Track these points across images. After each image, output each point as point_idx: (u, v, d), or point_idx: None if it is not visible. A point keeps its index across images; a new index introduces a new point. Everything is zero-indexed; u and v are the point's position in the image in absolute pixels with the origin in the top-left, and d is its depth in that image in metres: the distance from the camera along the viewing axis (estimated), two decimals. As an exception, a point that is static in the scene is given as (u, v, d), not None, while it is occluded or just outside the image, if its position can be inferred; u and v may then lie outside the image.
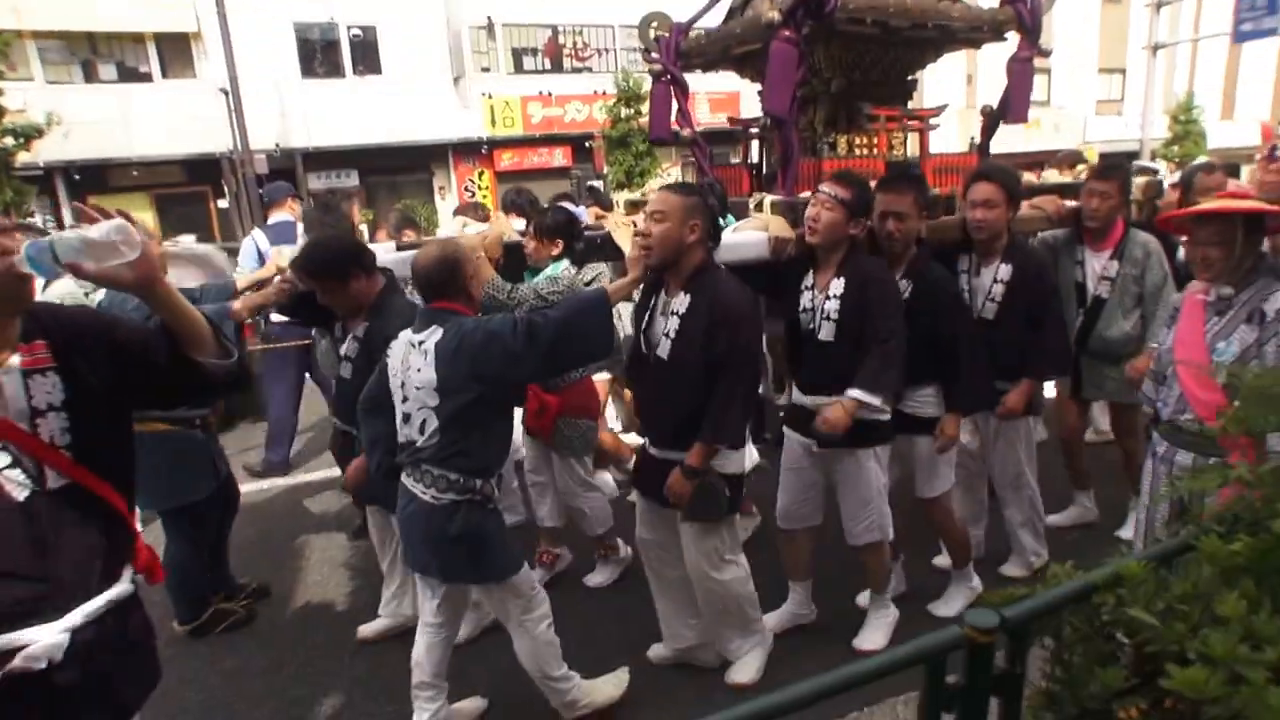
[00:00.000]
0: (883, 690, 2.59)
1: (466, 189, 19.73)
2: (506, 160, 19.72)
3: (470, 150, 19.44)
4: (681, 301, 2.61)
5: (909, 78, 4.28)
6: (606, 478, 4.50)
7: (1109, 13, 26.15)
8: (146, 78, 17.03)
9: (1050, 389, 4.04)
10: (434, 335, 2.43)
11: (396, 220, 5.89)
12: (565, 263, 3.43)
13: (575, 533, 3.79)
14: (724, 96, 20.32)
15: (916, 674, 1.13)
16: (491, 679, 2.97)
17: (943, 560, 3.54)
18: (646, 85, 18.07)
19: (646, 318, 2.74)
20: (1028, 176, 5.63)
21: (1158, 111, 25.99)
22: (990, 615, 1.15)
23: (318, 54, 17.98)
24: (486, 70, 19.09)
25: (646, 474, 2.80)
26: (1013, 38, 4.02)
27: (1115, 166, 3.94)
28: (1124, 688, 1.14)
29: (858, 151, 4.11)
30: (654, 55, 4.53)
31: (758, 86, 4.76)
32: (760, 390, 3.84)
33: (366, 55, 18.31)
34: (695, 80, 4.78)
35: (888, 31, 3.74)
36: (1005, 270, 3.22)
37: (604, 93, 19.36)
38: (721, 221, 3.12)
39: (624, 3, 19.56)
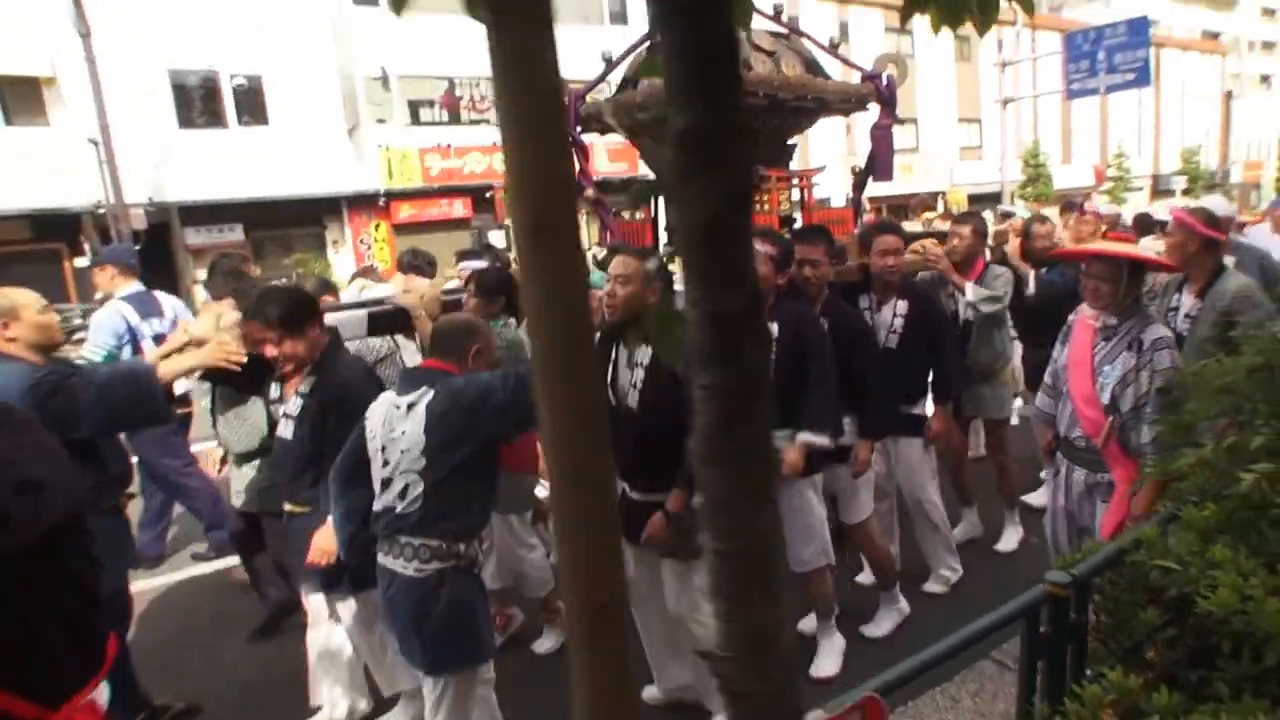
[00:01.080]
0: (925, 683, 2.70)
1: (362, 241, 19.27)
2: (405, 212, 19.41)
3: (366, 203, 19.01)
4: (644, 353, 2.75)
5: (789, 141, 4.72)
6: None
7: (963, 70, 28.78)
8: (-17, 124, 15.44)
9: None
10: (424, 396, 2.38)
11: (315, 285, 5.62)
12: (509, 318, 3.48)
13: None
14: (620, 147, 21.08)
15: (953, 664, 1.45)
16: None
17: (865, 578, 3.77)
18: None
19: (611, 371, 2.84)
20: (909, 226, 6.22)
21: (1012, 157, 28.71)
22: (1064, 575, 1.58)
23: (197, 103, 17.12)
24: (382, 122, 18.83)
25: (628, 518, 2.81)
26: (874, 108, 4.54)
27: (970, 213, 4.63)
28: (1158, 623, 1.53)
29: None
30: None
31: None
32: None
33: (252, 105, 17.60)
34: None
35: (775, 103, 4.13)
36: (903, 305, 3.59)
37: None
38: None
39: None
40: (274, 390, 3.11)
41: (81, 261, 15.83)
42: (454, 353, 2.49)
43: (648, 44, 4.79)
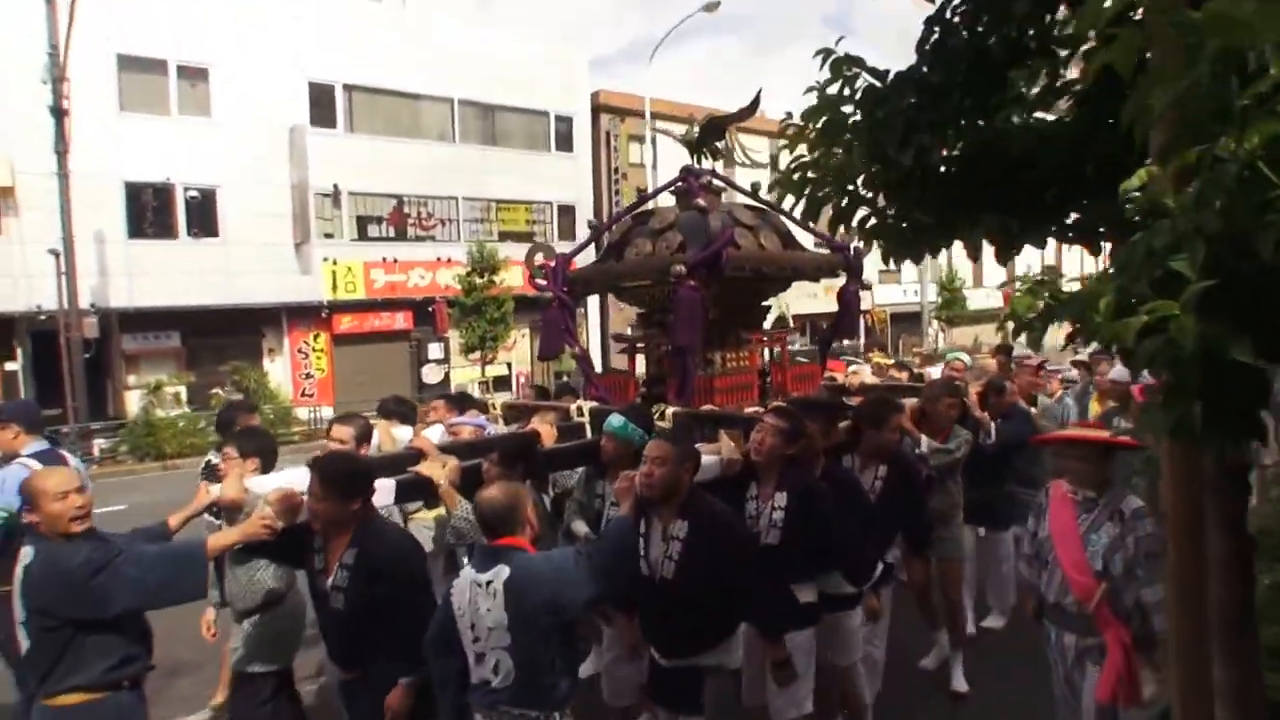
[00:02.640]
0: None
1: (300, 351, 18.84)
2: (346, 324, 19.19)
3: (308, 314, 18.70)
4: (680, 527, 2.92)
5: (763, 304, 5.07)
6: None
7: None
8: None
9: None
10: (500, 574, 2.44)
11: (238, 407, 5.27)
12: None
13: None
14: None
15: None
16: None
17: None
18: (500, 254, 18.55)
19: (643, 544, 2.98)
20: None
21: (929, 280, 30.51)
22: None
23: (149, 214, 16.80)
24: (330, 236, 18.78)
25: (659, 683, 3.06)
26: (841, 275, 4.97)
27: (950, 384, 4.80)
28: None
29: (730, 365, 4.62)
30: (541, 282, 4.83)
31: (636, 309, 5.10)
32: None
33: (203, 216, 17.38)
34: (524, 248, 5.38)
35: (759, 275, 4.41)
36: (884, 470, 3.81)
37: (448, 259, 19.74)
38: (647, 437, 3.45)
39: (466, 177, 20.47)
40: (318, 560, 2.98)
41: (11, 366, 14.96)
42: (516, 527, 2.55)
43: (631, 214, 5.17)
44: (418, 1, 21.88)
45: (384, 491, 3.29)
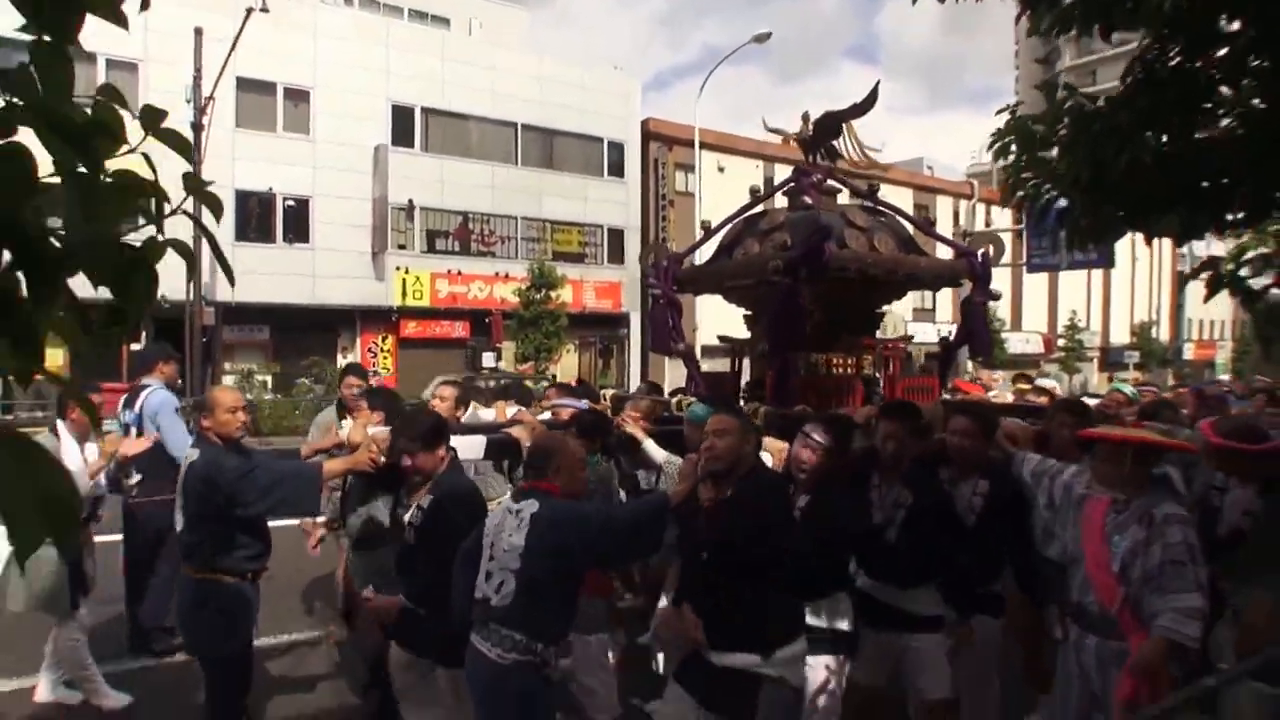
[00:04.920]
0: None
1: (370, 350, 19.51)
2: (411, 328, 19.76)
3: (379, 317, 19.36)
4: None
5: (876, 311, 4.82)
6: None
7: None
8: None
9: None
10: (530, 507, 2.56)
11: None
12: (602, 456, 3.64)
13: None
14: (606, 285, 22.35)
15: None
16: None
17: None
18: (559, 272, 19.04)
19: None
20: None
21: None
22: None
23: (254, 219, 17.88)
24: (403, 247, 19.46)
25: (708, 685, 2.59)
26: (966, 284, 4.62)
27: (1076, 402, 4.23)
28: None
29: (835, 371, 4.50)
30: (652, 280, 4.85)
31: (740, 310, 5.06)
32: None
33: (298, 224, 18.38)
34: (575, 268, 5.37)
35: (866, 278, 4.26)
36: (984, 485, 3.28)
37: (505, 275, 20.28)
38: None
39: (525, 198, 21.12)
40: (403, 497, 3.29)
41: (135, 346, 15.87)
42: (544, 471, 2.69)
43: (744, 216, 5.07)
44: (485, 32, 22.91)
45: (476, 445, 3.63)
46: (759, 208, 5.07)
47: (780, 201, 5.04)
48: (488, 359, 21.20)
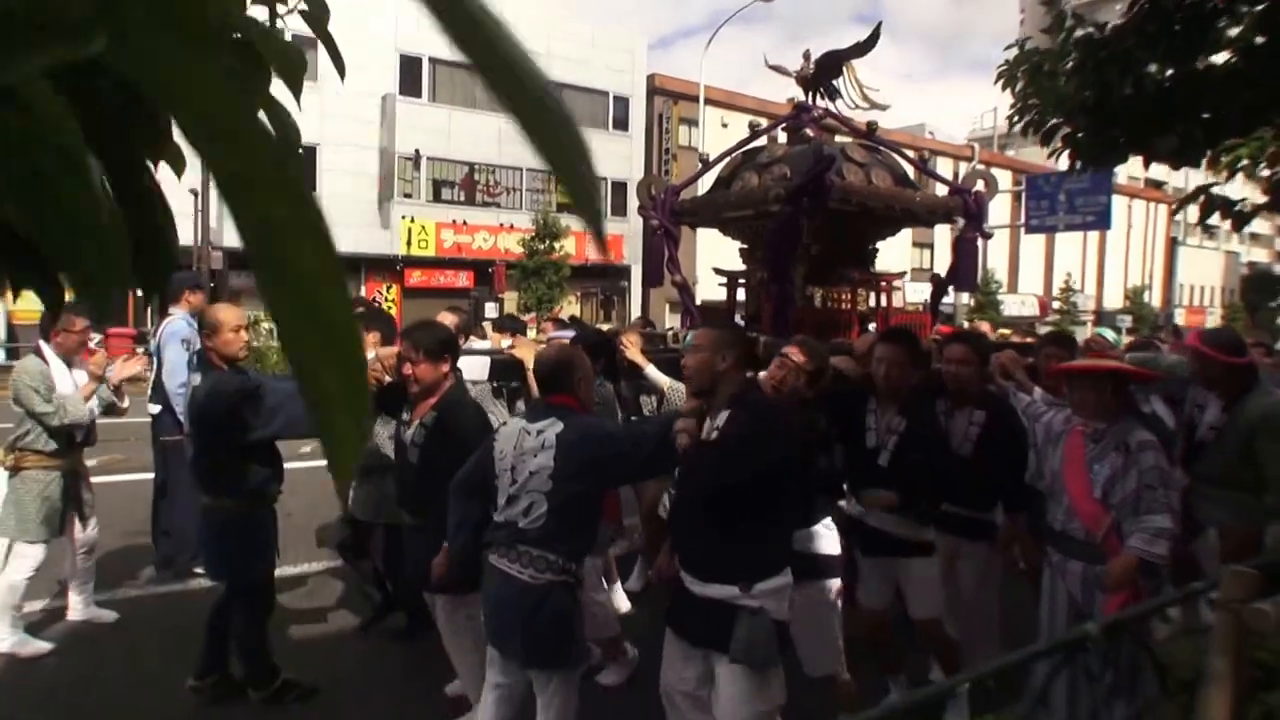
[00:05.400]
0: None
1: (374, 300, 19.62)
2: (416, 278, 19.82)
3: (384, 266, 19.41)
4: (721, 417, 2.46)
5: (870, 246, 4.94)
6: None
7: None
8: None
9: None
10: (554, 427, 2.49)
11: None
12: (606, 379, 3.71)
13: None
14: (609, 237, 22.21)
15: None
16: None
17: (936, 675, 3.42)
18: (563, 223, 19.01)
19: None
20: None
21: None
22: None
23: (259, 167, 17.92)
24: (409, 196, 19.42)
25: (685, 613, 2.48)
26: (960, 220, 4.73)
27: (1064, 334, 4.47)
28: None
29: (831, 304, 4.64)
30: (650, 210, 4.89)
31: (737, 244, 5.14)
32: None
33: (306, 172, 18.33)
34: (579, 220, 5.27)
35: (864, 211, 4.35)
36: (980, 415, 3.33)
37: (510, 225, 20.23)
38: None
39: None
40: (405, 414, 3.21)
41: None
42: (565, 386, 2.60)
43: (743, 150, 5.14)
44: (495, -19, 22.44)
45: (480, 366, 3.57)
46: (758, 141, 5.12)
47: (780, 141, 5.09)
48: (489, 309, 21.35)
